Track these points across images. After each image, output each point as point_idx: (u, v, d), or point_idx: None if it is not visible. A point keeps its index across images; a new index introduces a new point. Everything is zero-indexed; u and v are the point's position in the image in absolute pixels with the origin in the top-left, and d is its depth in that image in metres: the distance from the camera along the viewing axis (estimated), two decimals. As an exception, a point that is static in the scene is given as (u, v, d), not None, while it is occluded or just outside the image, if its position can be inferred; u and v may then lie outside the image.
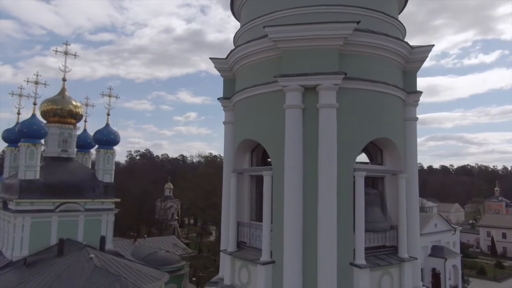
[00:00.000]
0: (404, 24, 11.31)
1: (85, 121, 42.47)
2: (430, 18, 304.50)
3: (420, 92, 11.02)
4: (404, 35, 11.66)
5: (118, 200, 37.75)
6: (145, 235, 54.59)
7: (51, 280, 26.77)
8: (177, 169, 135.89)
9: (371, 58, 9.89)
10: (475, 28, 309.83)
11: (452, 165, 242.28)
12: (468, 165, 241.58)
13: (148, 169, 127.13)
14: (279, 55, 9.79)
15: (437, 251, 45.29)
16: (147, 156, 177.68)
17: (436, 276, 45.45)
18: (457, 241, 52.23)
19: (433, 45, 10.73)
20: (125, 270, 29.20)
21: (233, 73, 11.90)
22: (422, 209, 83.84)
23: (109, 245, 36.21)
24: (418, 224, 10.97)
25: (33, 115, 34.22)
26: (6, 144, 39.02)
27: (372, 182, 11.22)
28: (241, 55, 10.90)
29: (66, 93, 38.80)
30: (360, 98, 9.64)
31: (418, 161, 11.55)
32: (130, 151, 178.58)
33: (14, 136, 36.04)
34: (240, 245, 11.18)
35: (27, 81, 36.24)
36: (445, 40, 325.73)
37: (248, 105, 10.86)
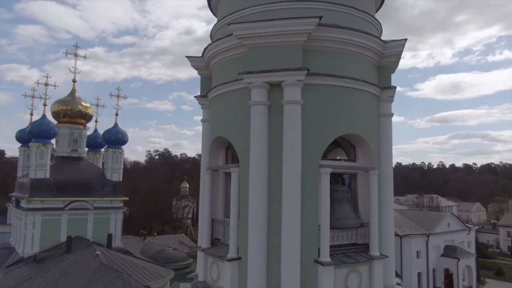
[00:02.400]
0: (425, 21, 11.34)
1: (96, 121, 43.46)
2: (452, 14, 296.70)
3: (394, 87, 10.81)
4: (380, 31, 11.50)
5: (126, 198, 38.46)
6: (155, 233, 55.35)
7: (58, 276, 27.50)
8: (194, 168, 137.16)
9: (338, 53, 9.78)
10: (500, 23, 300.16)
11: (475, 164, 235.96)
12: (492, 163, 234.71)
13: (166, 169, 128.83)
14: (246, 52, 9.80)
15: (450, 251, 44.17)
16: (165, 155, 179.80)
17: (449, 277, 44.42)
18: (472, 241, 50.72)
19: (406, 39, 10.51)
20: (130, 267, 29.70)
21: (210, 71, 11.97)
22: (438, 208, 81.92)
23: (118, 243, 36.93)
24: (393, 221, 10.80)
25: (43, 115, 35.25)
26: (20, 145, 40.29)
27: (350, 180, 11.14)
28: (213, 53, 10.97)
29: (76, 94, 39.79)
30: (325, 94, 9.55)
31: (440, 160, 11.39)
32: (150, 151, 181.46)
33: (27, 137, 37.18)
34: (214, 242, 11.27)
35: (37, 83, 37.33)
36: (468, 37, 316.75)
37: (219, 102, 10.95)
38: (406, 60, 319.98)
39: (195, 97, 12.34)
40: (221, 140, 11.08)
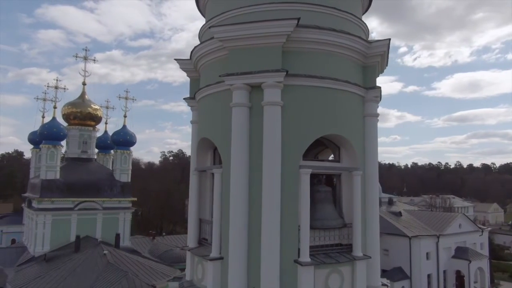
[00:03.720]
0: (441, 19, 11.19)
1: (106, 123, 44.24)
2: (469, 12, 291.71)
3: (379, 88, 10.77)
4: (367, 31, 11.47)
5: (135, 199, 39.07)
6: (163, 233, 55.99)
7: (66, 275, 28.19)
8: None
9: (319, 54, 9.81)
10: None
11: (494, 163, 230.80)
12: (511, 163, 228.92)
13: (179, 169, 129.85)
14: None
15: (461, 253, 43.44)
16: (179, 156, 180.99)
17: (460, 279, 43.69)
18: (486, 243, 49.72)
19: (389, 39, 10.47)
20: (136, 267, 30.24)
21: (198, 72, 12.13)
22: (451, 209, 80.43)
23: (126, 242, 37.55)
24: (378, 222, 10.75)
25: (53, 118, 36.14)
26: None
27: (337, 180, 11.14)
28: (199, 55, 11.14)
29: (86, 96, 40.58)
30: (306, 95, 9.59)
31: (457, 159, 11.34)
32: (164, 152, 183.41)
33: (38, 138, 38.13)
34: (201, 241, 11.43)
35: (48, 86, 38.25)
36: (487, 34, 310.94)
37: (204, 104, 11.12)
38: (423, 59, 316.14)
39: (184, 98, 12.52)
40: (207, 141, 11.22)
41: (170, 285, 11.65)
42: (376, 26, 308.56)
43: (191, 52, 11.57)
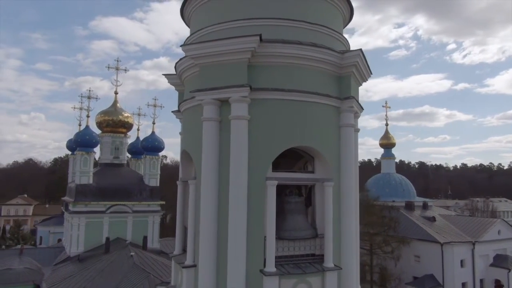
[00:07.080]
0: (493, 13, 10.82)
1: (138, 130, 46.22)
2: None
3: (352, 98, 10.70)
4: (345, 42, 11.47)
5: (163, 202, 40.51)
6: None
7: (94, 275, 29.87)
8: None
9: (286, 67, 9.96)
10: None
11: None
12: None
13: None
14: (202, 70, 10.34)
15: (500, 261, 41.01)
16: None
17: (500, 288, 41.24)
18: (530, 250, 46.53)
19: (360, 49, 10.41)
20: (160, 268, 31.34)
21: (184, 86, 12.66)
22: (493, 213, 75.70)
23: (155, 244, 39.06)
24: (354, 233, 10.69)
25: (87, 126, 38.42)
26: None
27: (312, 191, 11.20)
28: (180, 71, 11.67)
29: (118, 105, 42.68)
30: (272, 108, 9.79)
31: (500, 161, 10.96)
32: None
33: (74, 146, 40.66)
34: (185, 249, 11.90)
35: (81, 96, 40.68)
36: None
37: (184, 118, 11.64)
38: (473, 56, 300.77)
39: (172, 111, 13.09)
40: (187, 153, 11.71)
41: (157, 289, 12.24)
42: (422, 23, 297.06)
43: (175, 67, 12.12)
